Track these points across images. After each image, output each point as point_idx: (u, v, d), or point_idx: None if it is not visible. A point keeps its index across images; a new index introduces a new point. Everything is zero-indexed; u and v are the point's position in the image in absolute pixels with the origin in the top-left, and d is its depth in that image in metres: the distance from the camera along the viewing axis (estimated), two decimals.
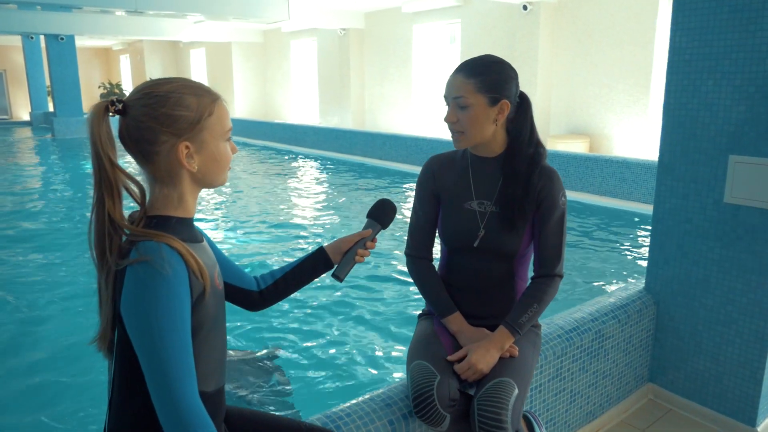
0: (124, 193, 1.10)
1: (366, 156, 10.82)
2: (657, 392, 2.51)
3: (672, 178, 2.32)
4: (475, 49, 11.03)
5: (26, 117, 21.10)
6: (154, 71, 21.36)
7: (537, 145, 1.68)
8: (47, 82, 17.86)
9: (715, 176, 2.19)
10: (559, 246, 1.68)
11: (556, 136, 9.32)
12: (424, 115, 12.89)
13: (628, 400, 2.43)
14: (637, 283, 2.57)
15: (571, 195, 7.08)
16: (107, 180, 1.05)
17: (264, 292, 1.43)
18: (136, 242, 1.04)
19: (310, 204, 7.46)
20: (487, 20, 10.82)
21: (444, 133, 11.65)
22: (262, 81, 18.51)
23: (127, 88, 23.28)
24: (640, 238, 5.52)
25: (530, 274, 1.76)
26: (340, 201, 7.66)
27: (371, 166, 10.12)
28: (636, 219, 6.11)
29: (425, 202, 1.78)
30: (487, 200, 1.69)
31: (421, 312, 1.91)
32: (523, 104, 1.68)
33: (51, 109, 18.08)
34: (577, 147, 8.99)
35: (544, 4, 9.40)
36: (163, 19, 14.73)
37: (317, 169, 10.58)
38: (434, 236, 1.81)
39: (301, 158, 11.76)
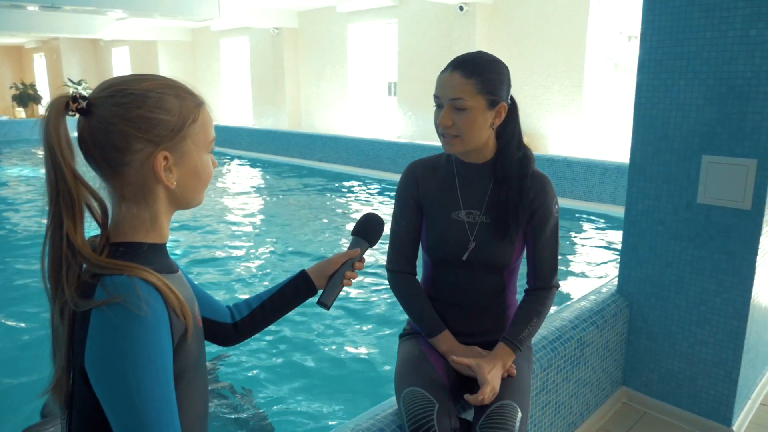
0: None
1: (305, 158, 10.57)
2: (630, 395, 2.48)
3: (644, 179, 2.29)
4: (412, 49, 11.01)
5: None
6: (73, 71, 20.08)
7: (525, 149, 1.58)
8: None
9: (687, 177, 2.17)
10: (554, 257, 1.59)
11: None
12: (360, 116, 12.76)
13: (604, 406, 2.38)
14: (609, 286, 2.54)
15: None
16: (67, 195, 0.84)
17: (239, 325, 1.24)
18: (101, 276, 0.84)
19: (247, 210, 7.15)
20: (423, 20, 10.81)
21: (384, 135, 11.58)
22: (191, 81, 17.66)
23: (43, 90, 21.79)
24: (584, 237, 5.62)
25: (518, 284, 1.66)
26: (280, 205, 7.40)
27: (311, 168, 9.89)
28: (577, 215, 6.23)
29: (407, 212, 1.63)
30: (476, 210, 1.57)
31: (403, 331, 1.77)
32: (513, 107, 1.57)
33: None
34: None
35: (480, 5, 9.49)
36: (82, 15, 13.81)
37: (253, 172, 10.23)
38: (417, 248, 1.67)
39: (236, 161, 11.34)
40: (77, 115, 0.88)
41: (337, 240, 5.62)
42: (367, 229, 1.34)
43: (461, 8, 9.56)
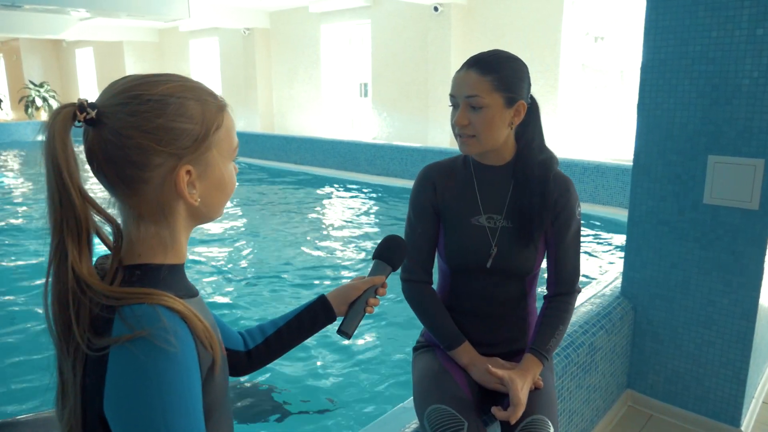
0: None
1: (280, 160, 10.41)
2: (636, 398, 2.46)
3: (649, 180, 2.26)
4: (386, 50, 10.95)
5: None
6: (33, 73, 19.42)
7: (548, 151, 1.52)
8: None
9: (693, 177, 2.15)
10: (577, 261, 1.54)
11: None
12: (334, 117, 12.64)
13: (611, 411, 2.35)
14: (611, 288, 2.51)
15: None
16: (73, 221, 0.73)
17: (252, 353, 1.14)
18: (118, 307, 0.73)
19: (225, 218, 6.99)
20: (397, 21, 10.76)
21: (359, 136, 11.48)
22: None
23: (2, 91, 21.01)
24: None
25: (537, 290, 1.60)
26: (255, 210, 7.25)
27: (286, 171, 9.74)
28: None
29: (424, 218, 1.56)
30: (497, 214, 1.50)
31: (417, 344, 1.69)
32: (533, 106, 1.51)
33: None
34: None
35: (455, 6, 9.48)
36: (43, 14, 13.34)
37: None
38: (434, 256, 1.60)
39: None
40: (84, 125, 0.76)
41: (313, 243, 5.51)
42: (390, 253, 1.26)
43: (436, 9, 9.54)
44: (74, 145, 0.75)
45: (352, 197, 7.89)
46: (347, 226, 6.24)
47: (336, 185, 8.56)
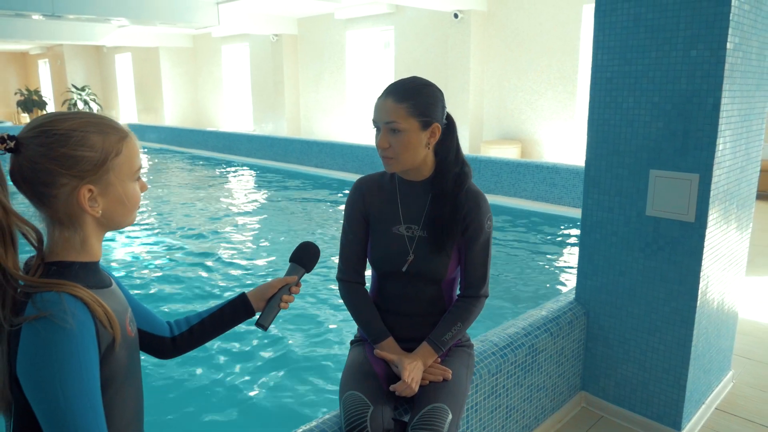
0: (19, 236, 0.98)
1: (302, 164, 10.68)
2: (589, 400, 2.56)
3: (598, 191, 2.38)
4: (409, 56, 11.13)
5: None
6: (76, 76, 20.32)
7: (462, 165, 1.67)
8: None
9: (637, 190, 2.26)
10: (485, 268, 1.69)
11: (489, 142, 9.52)
12: (358, 122, 12.88)
13: (562, 410, 2.47)
14: (568, 294, 2.63)
15: (504, 200, 7.24)
16: None
17: (177, 339, 1.33)
18: (33, 294, 0.93)
19: (245, 217, 7.27)
20: (419, 27, 10.94)
21: None
22: (192, 87, 17.97)
23: (47, 95, 22.04)
24: (570, 245, 5.70)
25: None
26: (274, 212, 7.51)
27: (307, 175, 10.00)
28: (568, 224, 6.31)
29: (355, 225, 1.73)
30: (415, 224, 1.67)
31: (353, 338, 1.87)
32: (449, 125, 1.66)
33: None
34: (510, 152, 9.22)
35: (475, 13, 9.60)
36: (85, 23, 14.01)
37: (251, 178, 10.34)
38: (365, 260, 1.77)
39: (235, 167, 11.47)
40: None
41: (328, 246, 5.72)
42: (304, 257, 1.45)
43: (456, 15, 9.68)
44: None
45: None
46: None
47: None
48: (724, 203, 2.21)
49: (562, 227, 6.20)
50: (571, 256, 5.25)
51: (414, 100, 1.55)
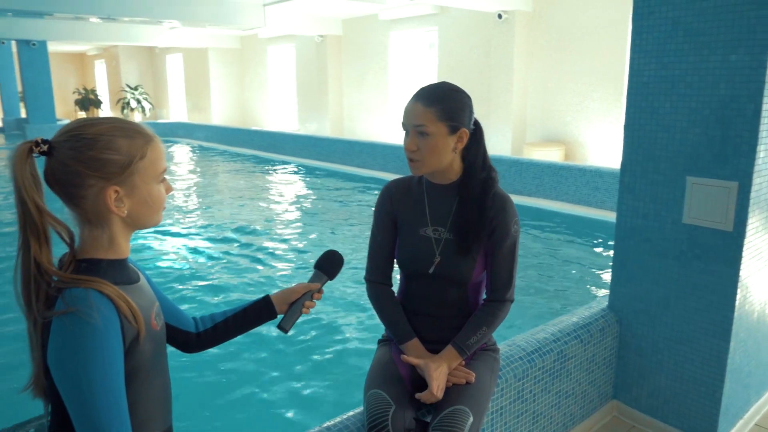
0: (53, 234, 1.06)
1: (344, 164, 10.80)
2: (621, 409, 2.53)
3: (633, 197, 2.34)
4: (453, 57, 11.10)
5: None
6: (130, 76, 21.09)
7: (490, 170, 1.69)
8: (19, 88, 17.53)
9: (673, 197, 2.21)
10: (511, 272, 1.69)
11: (532, 144, 9.40)
12: (400, 123, 12.88)
13: (592, 418, 2.44)
14: (601, 301, 2.59)
15: (545, 203, 7.14)
16: (33, 224, 1.01)
17: (201, 335, 1.39)
18: (63, 290, 1.00)
19: (287, 215, 7.41)
20: (463, 28, 10.89)
21: None
22: (239, 87, 18.40)
23: (102, 94, 22.95)
24: (611, 250, 5.58)
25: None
26: (319, 211, 7.62)
27: (349, 174, 10.10)
28: (610, 229, 6.17)
29: (383, 227, 1.77)
30: (442, 227, 1.69)
31: (380, 338, 1.90)
32: (477, 131, 1.68)
33: (24, 115, 17.72)
34: (553, 155, 9.07)
35: (519, 13, 9.49)
36: (138, 25, 14.56)
37: (295, 177, 10.53)
38: (393, 261, 1.80)
39: (279, 166, 11.69)
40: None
41: (366, 245, 5.79)
42: (328, 265, 1.50)
43: (500, 16, 9.59)
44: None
45: None
46: None
47: None
48: (765, 212, 2.14)
49: (603, 232, 6.08)
50: (608, 263, 5.14)
51: (442, 105, 1.57)
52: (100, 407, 0.96)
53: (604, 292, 4.40)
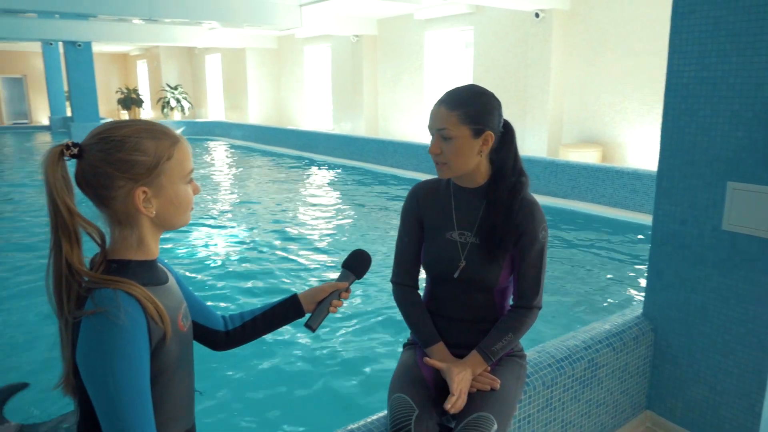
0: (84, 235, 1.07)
1: (378, 163, 10.82)
2: (655, 420, 2.45)
3: (670, 202, 2.27)
4: (488, 57, 10.99)
5: (45, 121, 21.44)
6: (170, 76, 21.59)
7: (519, 174, 1.66)
8: (65, 87, 18.15)
9: (713, 202, 2.14)
10: (538, 279, 1.65)
11: (569, 145, 9.23)
12: None
13: (624, 428, 2.38)
14: (636, 308, 2.52)
15: (580, 206, 7.00)
16: (64, 226, 1.03)
17: (230, 333, 1.40)
18: (93, 290, 1.02)
19: (320, 214, 7.47)
20: (499, 27, 10.76)
21: None
22: (276, 87, 18.62)
23: (144, 93, 23.56)
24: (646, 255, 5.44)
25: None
26: (352, 211, 7.66)
27: (383, 174, 10.11)
28: (648, 233, 6.02)
29: (410, 229, 1.76)
30: (468, 231, 1.67)
31: (406, 341, 1.89)
32: (507, 134, 1.65)
33: (69, 113, 18.35)
34: (590, 156, 8.89)
35: (557, 12, 9.33)
36: (179, 26, 14.89)
37: (329, 176, 10.60)
38: (419, 264, 1.79)
39: (313, 165, 11.79)
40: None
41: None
42: (356, 264, 1.49)
43: (537, 15, 9.45)
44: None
45: None
46: None
47: None
48: None
49: (641, 236, 5.92)
50: (645, 268, 5.01)
51: (466, 108, 1.55)
52: (126, 406, 0.97)
53: (640, 298, 4.29)
